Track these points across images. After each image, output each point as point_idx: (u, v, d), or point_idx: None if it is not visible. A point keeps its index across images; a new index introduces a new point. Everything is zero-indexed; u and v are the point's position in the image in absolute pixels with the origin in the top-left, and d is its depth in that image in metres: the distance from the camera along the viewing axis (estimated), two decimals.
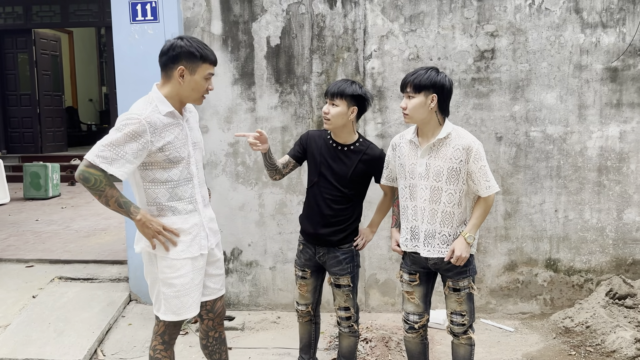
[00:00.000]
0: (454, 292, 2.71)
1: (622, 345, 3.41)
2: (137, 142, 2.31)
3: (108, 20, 9.40)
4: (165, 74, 2.43)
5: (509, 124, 4.05)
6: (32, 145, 11.03)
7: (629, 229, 4.07)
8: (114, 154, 2.29)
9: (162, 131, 2.37)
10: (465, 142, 2.58)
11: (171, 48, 2.38)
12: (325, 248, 2.95)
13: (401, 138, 2.79)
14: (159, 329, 2.57)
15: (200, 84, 2.42)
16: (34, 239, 5.75)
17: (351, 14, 4.07)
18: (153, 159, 2.39)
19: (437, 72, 2.58)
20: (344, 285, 2.97)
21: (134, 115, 2.33)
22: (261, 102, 4.19)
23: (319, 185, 2.92)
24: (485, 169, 2.59)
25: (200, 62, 2.39)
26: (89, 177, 2.29)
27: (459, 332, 2.77)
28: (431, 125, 2.62)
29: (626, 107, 3.98)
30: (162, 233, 2.40)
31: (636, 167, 4.01)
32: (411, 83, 2.57)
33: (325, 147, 2.91)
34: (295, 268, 3.11)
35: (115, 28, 4.13)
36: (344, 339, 3.10)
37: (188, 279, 2.48)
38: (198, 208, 2.53)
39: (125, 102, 4.06)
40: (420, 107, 2.56)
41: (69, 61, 13.87)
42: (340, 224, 2.92)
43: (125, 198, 2.37)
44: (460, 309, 2.73)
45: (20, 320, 3.94)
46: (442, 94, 2.57)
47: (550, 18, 3.95)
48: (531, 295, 4.17)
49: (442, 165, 2.59)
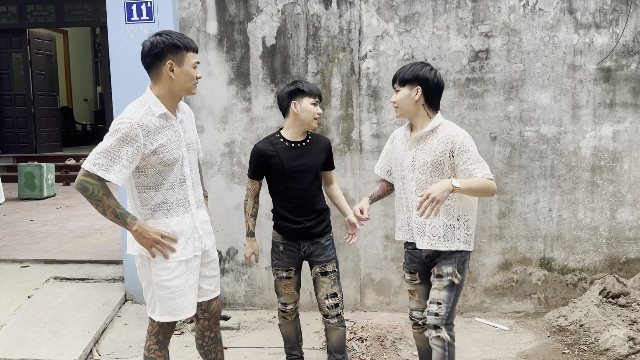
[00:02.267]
0: (436, 278, 2.68)
1: (615, 344, 3.43)
2: (131, 146, 2.31)
3: (103, 19, 9.37)
4: (154, 73, 2.41)
5: (503, 124, 4.08)
6: (27, 145, 10.99)
7: (622, 228, 4.10)
8: (109, 161, 2.29)
9: (154, 134, 2.37)
10: (450, 136, 2.61)
11: (153, 46, 2.36)
12: (310, 240, 3.03)
13: (399, 131, 2.88)
14: (153, 328, 2.58)
15: (191, 73, 2.42)
16: (28, 239, 5.74)
17: (346, 14, 4.08)
18: (147, 162, 2.38)
19: (422, 66, 2.66)
20: (331, 272, 3.05)
21: (126, 119, 2.32)
22: (257, 102, 4.20)
23: (293, 187, 2.97)
24: (471, 160, 2.56)
25: (185, 52, 2.39)
26: (87, 186, 2.30)
27: (431, 324, 2.64)
28: (420, 119, 2.69)
29: (619, 107, 4.01)
30: (160, 241, 2.41)
31: (629, 166, 4.04)
32: (397, 77, 2.70)
33: (285, 149, 2.97)
34: (277, 271, 3.10)
35: (111, 28, 4.12)
36: (333, 332, 3.11)
37: (182, 281, 2.48)
38: (191, 210, 2.53)
39: (120, 102, 4.06)
40: (406, 99, 2.65)
41: (64, 61, 13.83)
42: (320, 214, 3.04)
43: (122, 209, 2.37)
44: (438, 297, 2.63)
45: (16, 320, 3.93)
46: (426, 86, 2.63)
47: (544, 18, 3.98)
48: (525, 294, 4.20)
49: (426, 158, 2.64)
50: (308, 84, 2.97)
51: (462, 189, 2.47)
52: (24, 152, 10.86)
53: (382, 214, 4.17)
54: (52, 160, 9.99)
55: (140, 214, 2.47)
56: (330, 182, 3.19)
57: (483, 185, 2.54)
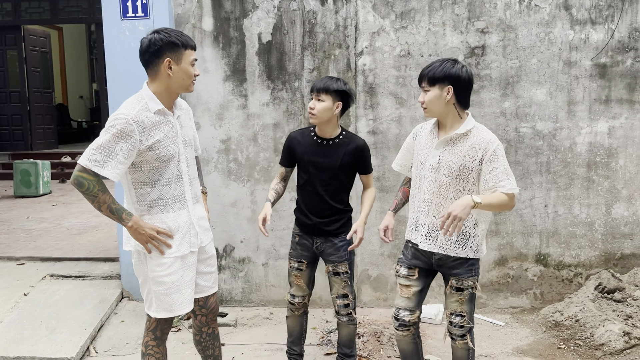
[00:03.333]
0: (456, 291, 2.62)
1: (610, 338, 3.46)
2: (127, 142, 2.31)
3: (98, 16, 9.33)
4: (152, 70, 2.41)
5: (499, 120, 4.08)
6: (22, 142, 10.95)
7: (618, 223, 4.12)
8: (105, 156, 2.29)
9: (150, 129, 2.37)
10: (483, 142, 2.49)
11: (151, 44, 2.36)
12: (323, 237, 3.02)
13: (423, 127, 2.74)
14: (150, 324, 2.58)
15: (189, 70, 2.42)
16: (24, 237, 5.73)
17: (342, 10, 4.08)
18: (143, 158, 2.38)
19: (453, 64, 2.50)
20: (342, 273, 3.04)
21: (122, 115, 2.32)
22: (253, 98, 4.19)
23: (310, 182, 2.99)
24: (497, 170, 2.45)
25: (183, 50, 2.39)
26: (82, 181, 2.31)
27: (457, 334, 2.67)
28: (450, 119, 2.55)
29: (615, 103, 4.02)
30: (156, 237, 2.41)
31: (624, 162, 4.06)
32: (426, 76, 2.52)
33: (311, 144, 2.99)
34: (290, 260, 3.14)
35: (106, 24, 4.10)
36: (343, 328, 3.16)
37: (178, 277, 2.49)
38: (187, 206, 2.54)
39: (116, 99, 4.05)
40: (436, 99, 2.51)
41: (59, 58, 13.77)
42: (334, 214, 3.01)
43: (117, 204, 2.38)
44: (461, 310, 2.64)
45: (12, 318, 3.93)
46: (458, 85, 2.48)
47: (540, 15, 3.98)
48: (521, 290, 4.22)
49: (454, 161, 2.52)
50: (316, 81, 2.97)
51: (483, 204, 2.38)
52: (19, 149, 10.82)
53: (378, 211, 4.18)
54: (47, 157, 9.96)
55: (136, 210, 2.47)
56: (366, 187, 3.10)
57: (502, 201, 2.44)
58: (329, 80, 2.91)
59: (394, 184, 4.14)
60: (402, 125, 4.11)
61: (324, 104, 2.87)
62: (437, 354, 3.51)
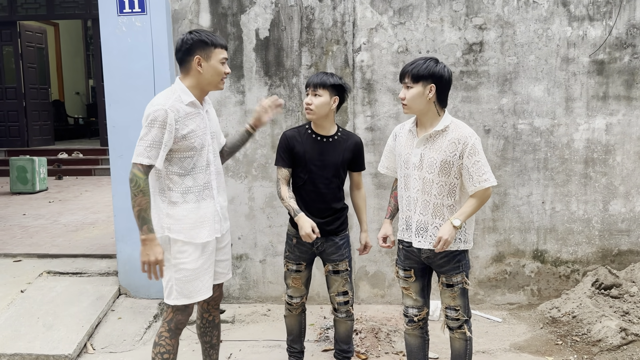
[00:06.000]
0: (447, 287, 2.69)
1: (607, 335, 3.47)
2: (169, 131, 2.44)
3: (95, 12, 9.30)
4: (184, 67, 2.56)
5: (497, 116, 4.08)
6: (19, 139, 10.92)
7: (615, 220, 4.12)
8: (157, 150, 2.42)
9: (185, 119, 2.50)
10: (461, 136, 2.55)
11: (183, 43, 2.52)
12: (324, 238, 3.00)
13: (402, 127, 2.79)
14: (167, 315, 2.65)
15: (218, 68, 2.56)
16: (21, 234, 5.71)
17: (340, 6, 4.06)
18: (176, 146, 2.49)
19: (436, 63, 2.56)
20: (343, 270, 3.05)
21: (159, 106, 2.44)
22: (250, 94, 4.18)
23: (311, 181, 2.95)
24: (479, 163, 2.55)
25: (212, 48, 2.54)
26: (134, 178, 2.42)
27: (454, 326, 2.76)
28: (429, 116, 2.60)
29: (612, 99, 4.03)
30: (152, 265, 2.46)
31: (622, 159, 4.06)
32: (409, 73, 2.55)
33: (311, 142, 2.96)
34: (287, 263, 3.10)
35: (102, 20, 4.08)
36: (341, 324, 3.16)
37: (199, 264, 2.59)
38: (213, 194, 2.65)
39: (112, 95, 4.03)
40: (419, 97, 2.55)
41: (55, 54, 13.71)
42: (335, 213, 3.01)
43: (148, 215, 2.45)
44: (455, 304, 2.71)
45: (9, 315, 3.92)
46: (440, 84, 2.54)
47: (538, 11, 3.98)
48: (519, 286, 4.22)
49: (436, 157, 2.57)
50: (311, 77, 2.96)
51: (462, 221, 2.54)
52: (15, 145, 10.79)
53: (376, 207, 4.17)
54: (44, 154, 9.93)
55: (169, 199, 2.55)
56: (356, 187, 3.13)
57: (478, 202, 2.58)
58: (324, 75, 2.91)
59: (391, 180, 4.13)
60: (400, 121, 4.10)
61: (322, 99, 2.87)
62: (435, 350, 3.52)
